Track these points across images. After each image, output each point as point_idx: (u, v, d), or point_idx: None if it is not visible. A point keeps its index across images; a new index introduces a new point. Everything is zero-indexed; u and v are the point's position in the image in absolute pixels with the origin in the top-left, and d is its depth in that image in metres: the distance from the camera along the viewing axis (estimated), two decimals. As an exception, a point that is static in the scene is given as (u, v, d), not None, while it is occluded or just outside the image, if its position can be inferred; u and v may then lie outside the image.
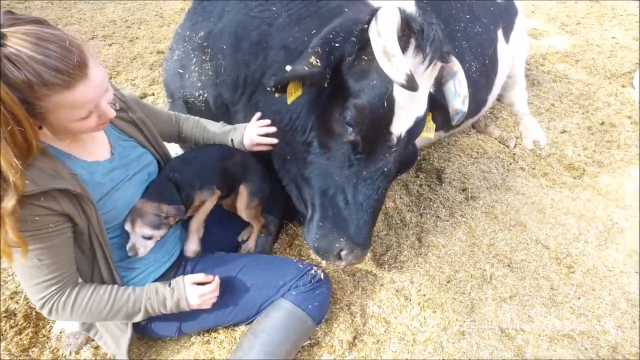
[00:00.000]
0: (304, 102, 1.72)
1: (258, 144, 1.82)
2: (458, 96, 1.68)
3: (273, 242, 2.08)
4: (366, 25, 1.52)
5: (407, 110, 1.58)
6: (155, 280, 1.57)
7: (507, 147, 3.00)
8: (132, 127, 1.60)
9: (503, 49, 3.07)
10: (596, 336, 1.77)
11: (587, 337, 1.76)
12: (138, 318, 1.45)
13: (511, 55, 3.22)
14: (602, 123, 3.18)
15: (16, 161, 1.06)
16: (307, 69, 1.48)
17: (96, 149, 1.43)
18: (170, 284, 1.49)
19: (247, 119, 1.92)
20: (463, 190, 2.53)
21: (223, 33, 1.93)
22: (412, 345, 1.71)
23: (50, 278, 1.28)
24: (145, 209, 1.45)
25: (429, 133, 1.83)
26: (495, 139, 3.07)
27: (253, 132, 1.81)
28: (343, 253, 1.61)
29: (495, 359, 1.67)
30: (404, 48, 1.48)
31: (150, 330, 1.65)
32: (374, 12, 1.52)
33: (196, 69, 2.08)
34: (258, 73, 1.84)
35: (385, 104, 1.53)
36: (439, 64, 1.58)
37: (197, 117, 1.93)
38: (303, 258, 2.06)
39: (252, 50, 1.85)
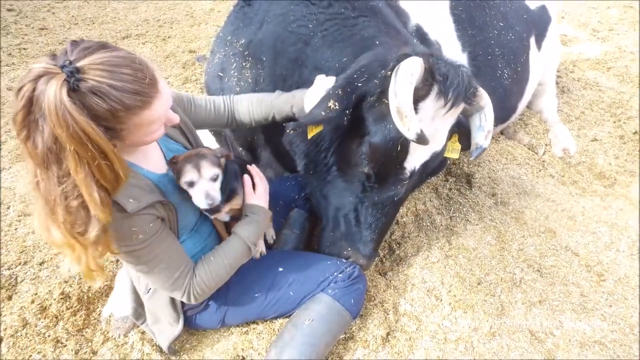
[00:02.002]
0: (328, 127, 1.76)
1: None
2: (482, 130, 1.68)
3: (307, 237, 2.15)
4: (389, 72, 1.53)
5: (423, 148, 1.62)
6: None
7: (536, 154, 3.01)
8: (177, 131, 1.65)
9: (535, 56, 3.09)
10: (629, 344, 1.78)
11: (619, 344, 1.78)
12: (252, 253, 1.61)
13: (543, 63, 3.23)
14: (635, 132, 3.15)
15: (97, 195, 1.10)
16: (323, 113, 1.53)
17: (155, 158, 1.49)
18: (247, 215, 1.59)
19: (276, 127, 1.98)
20: (492, 195, 2.56)
21: (263, 44, 2.01)
22: (443, 343, 1.76)
23: (180, 272, 1.42)
24: (202, 152, 1.46)
25: (454, 154, 1.87)
26: (524, 145, 3.08)
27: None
28: (349, 259, 1.80)
29: (525, 361, 1.71)
30: (425, 94, 1.52)
31: (194, 324, 1.74)
32: (399, 58, 1.53)
33: (235, 73, 2.18)
34: (293, 88, 1.91)
35: (399, 147, 1.59)
36: (462, 105, 1.60)
37: (247, 95, 1.86)
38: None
39: (289, 66, 1.93)
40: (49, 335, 1.70)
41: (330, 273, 1.75)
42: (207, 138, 2.68)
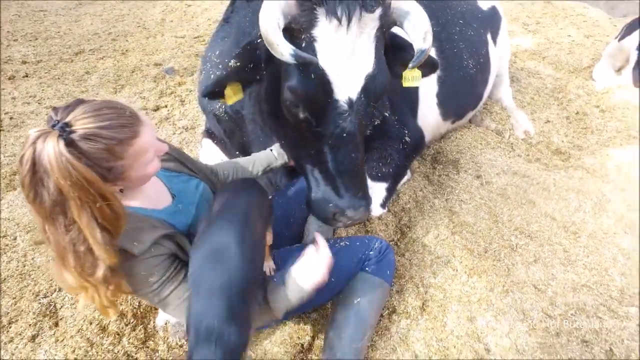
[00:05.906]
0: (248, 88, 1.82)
1: None
2: (417, 34, 1.59)
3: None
4: None
5: (348, 73, 1.56)
6: None
7: (503, 137, 3.45)
8: (174, 162, 1.72)
9: (492, 50, 3.53)
10: (606, 284, 2.20)
11: (600, 285, 2.19)
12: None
13: (498, 56, 3.69)
14: (577, 113, 3.72)
15: (100, 236, 1.20)
16: (224, 72, 1.65)
17: (161, 197, 1.56)
18: (285, 281, 1.53)
19: (255, 122, 2.19)
20: (478, 177, 2.92)
21: (230, 50, 2.13)
22: (468, 305, 2.06)
23: None
24: None
25: (415, 82, 1.82)
26: (492, 131, 3.51)
27: None
28: (337, 216, 1.75)
29: (535, 308, 2.05)
30: (312, 21, 1.51)
31: None
32: None
33: None
34: None
35: (316, 79, 1.55)
36: (371, 15, 1.53)
37: (231, 166, 2.04)
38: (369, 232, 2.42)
39: None
40: (118, 351, 1.76)
41: (362, 253, 1.93)
42: (205, 143, 2.79)
